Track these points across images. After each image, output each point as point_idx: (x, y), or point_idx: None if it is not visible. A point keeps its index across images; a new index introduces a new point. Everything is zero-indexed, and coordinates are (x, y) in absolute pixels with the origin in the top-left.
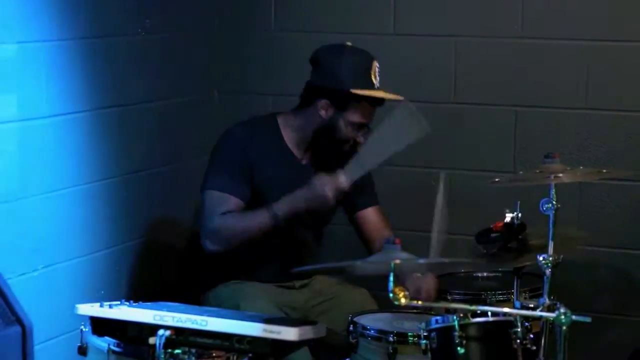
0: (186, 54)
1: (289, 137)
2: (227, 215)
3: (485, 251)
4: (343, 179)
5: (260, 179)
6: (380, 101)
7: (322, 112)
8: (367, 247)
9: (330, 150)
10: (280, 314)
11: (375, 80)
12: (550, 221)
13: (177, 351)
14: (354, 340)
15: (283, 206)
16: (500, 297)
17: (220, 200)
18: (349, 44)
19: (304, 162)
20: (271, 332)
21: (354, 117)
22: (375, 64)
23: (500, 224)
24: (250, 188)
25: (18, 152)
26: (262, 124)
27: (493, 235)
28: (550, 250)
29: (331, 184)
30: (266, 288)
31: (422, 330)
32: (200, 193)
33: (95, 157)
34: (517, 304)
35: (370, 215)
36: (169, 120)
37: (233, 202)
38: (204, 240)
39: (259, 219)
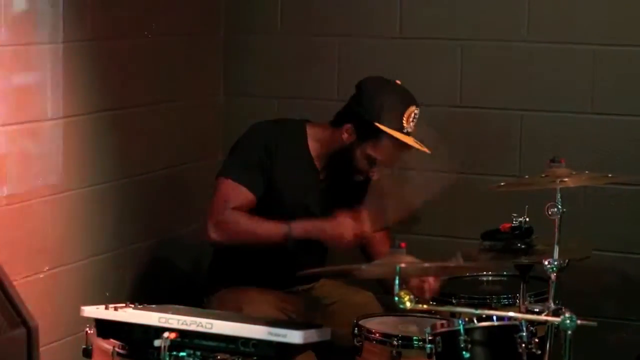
0: (192, 57)
1: (314, 147)
2: (241, 212)
3: (490, 247)
4: (368, 226)
5: (278, 179)
6: (404, 145)
7: (345, 136)
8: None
9: (343, 174)
10: (283, 318)
11: (407, 125)
12: (556, 225)
13: (182, 354)
14: (359, 344)
15: (300, 229)
16: (505, 302)
17: (234, 191)
18: (398, 82)
19: (321, 176)
20: (276, 335)
21: (372, 151)
22: (413, 110)
23: (508, 226)
24: (265, 185)
25: (23, 154)
26: (290, 127)
27: (499, 235)
28: (556, 254)
29: (355, 228)
30: (269, 293)
31: (427, 334)
32: (216, 179)
33: (100, 159)
34: (523, 308)
35: (377, 237)
36: (174, 123)
37: (246, 195)
38: (209, 227)
39: (272, 231)
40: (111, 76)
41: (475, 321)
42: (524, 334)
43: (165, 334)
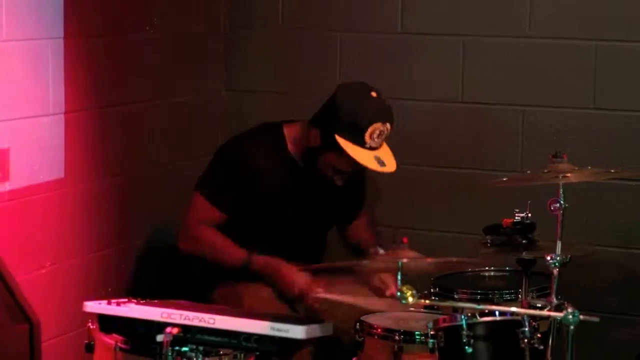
0: (194, 52)
1: (293, 148)
2: (209, 230)
3: (491, 241)
4: (320, 292)
5: (264, 189)
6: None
7: (312, 139)
8: (351, 248)
9: (313, 172)
10: (285, 312)
11: (370, 141)
12: (559, 221)
13: (184, 349)
14: (361, 339)
15: (259, 264)
16: (508, 297)
17: (205, 210)
18: (374, 94)
19: (303, 165)
20: (279, 330)
21: (333, 160)
22: (379, 127)
23: (510, 221)
24: (245, 201)
25: (25, 150)
26: (268, 134)
27: (501, 230)
28: (558, 249)
29: (306, 285)
30: (271, 287)
31: (429, 329)
32: (193, 188)
33: (102, 155)
34: (525, 303)
35: (358, 223)
36: (176, 118)
37: (216, 214)
38: (179, 237)
39: (232, 257)
40: (113, 72)
41: (477, 316)
42: (527, 329)
43: (168, 329)
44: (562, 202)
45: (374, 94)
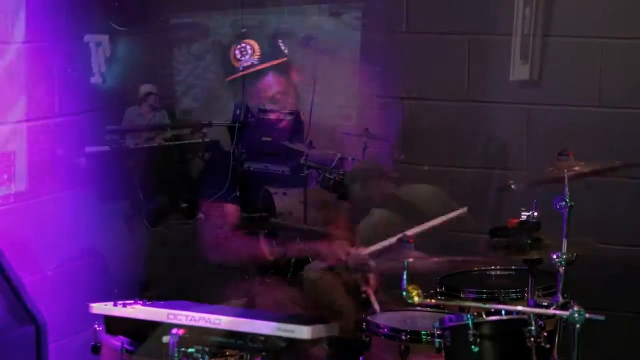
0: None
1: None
2: (228, 234)
3: (497, 244)
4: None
5: (253, 175)
6: (262, 71)
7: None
8: None
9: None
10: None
11: (238, 63)
12: (564, 219)
13: (190, 350)
14: (367, 339)
15: (295, 250)
16: (514, 296)
17: (217, 210)
18: (244, 30)
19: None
20: (284, 330)
21: (255, 98)
22: (234, 49)
23: (516, 221)
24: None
25: (31, 152)
26: None
27: (507, 231)
28: (564, 248)
29: (345, 250)
30: (279, 283)
31: (435, 329)
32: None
33: (109, 157)
34: (531, 302)
35: None
36: (186, 116)
37: (229, 209)
38: (205, 251)
39: (262, 253)
40: (120, 72)
41: (483, 315)
42: (533, 327)
43: (174, 330)
44: (567, 200)
45: (244, 29)
